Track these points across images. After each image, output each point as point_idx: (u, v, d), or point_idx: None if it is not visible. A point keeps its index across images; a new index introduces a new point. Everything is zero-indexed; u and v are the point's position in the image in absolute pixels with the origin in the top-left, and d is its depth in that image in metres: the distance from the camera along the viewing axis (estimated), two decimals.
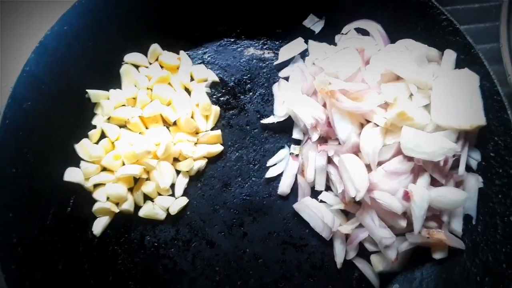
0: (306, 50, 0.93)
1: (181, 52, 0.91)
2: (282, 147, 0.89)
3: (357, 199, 0.76)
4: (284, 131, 0.89)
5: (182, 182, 0.84)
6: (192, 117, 0.87)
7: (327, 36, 0.92)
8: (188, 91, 0.90)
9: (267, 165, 0.87)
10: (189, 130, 0.86)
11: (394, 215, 0.76)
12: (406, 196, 0.74)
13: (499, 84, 0.76)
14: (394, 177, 0.78)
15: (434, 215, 0.77)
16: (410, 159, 0.77)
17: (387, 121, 0.78)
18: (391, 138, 0.78)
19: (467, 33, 0.79)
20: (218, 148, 0.87)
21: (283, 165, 0.87)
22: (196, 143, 0.86)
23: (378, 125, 0.79)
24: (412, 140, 0.75)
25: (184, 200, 0.83)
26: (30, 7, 0.98)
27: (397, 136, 0.77)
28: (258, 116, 0.90)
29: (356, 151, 0.80)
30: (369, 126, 0.80)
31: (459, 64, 0.81)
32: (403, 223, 0.77)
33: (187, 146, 0.84)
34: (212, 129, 0.88)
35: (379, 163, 0.78)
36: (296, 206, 0.84)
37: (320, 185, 0.84)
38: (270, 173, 0.87)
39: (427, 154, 0.74)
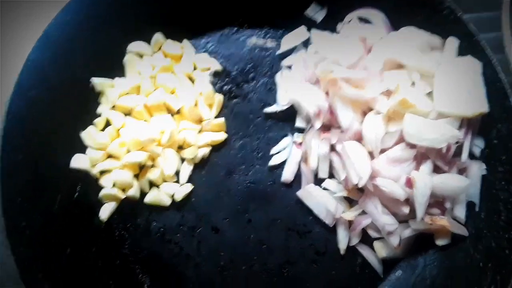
0: (309, 39, 0.93)
1: (184, 41, 0.92)
2: (286, 135, 0.89)
3: (360, 186, 0.77)
4: (287, 120, 0.90)
5: (186, 169, 0.85)
6: (195, 105, 0.87)
7: (330, 25, 0.92)
8: (191, 79, 0.90)
9: (271, 153, 0.88)
10: (193, 118, 0.86)
11: (397, 201, 0.77)
12: (409, 183, 0.75)
13: (501, 73, 0.77)
14: (397, 164, 0.78)
15: (437, 201, 0.78)
16: (412, 146, 0.77)
17: (389, 108, 0.78)
18: (393, 126, 0.79)
19: (470, 22, 0.80)
20: (222, 136, 0.87)
21: (286, 153, 0.88)
22: (200, 131, 0.87)
23: (380, 113, 0.79)
24: (414, 127, 0.76)
25: (189, 187, 0.84)
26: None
27: (399, 124, 0.77)
28: (262, 104, 0.91)
29: (359, 138, 0.81)
30: (371, 114, 0.80)
31: (461, 52, 0.81)
32: (406, 210, 0.77)
33: (191, 134, 0.85)
34: (215, 118, 0.89)
35: (382, 151, 0.79)
36: (299, 193, 0.85)
37: (323, 173, 0.85)
38: (273, 161, 0.87)
39: (429, 141, 0.75)
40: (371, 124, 0.79)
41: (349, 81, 0.81)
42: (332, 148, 0.84)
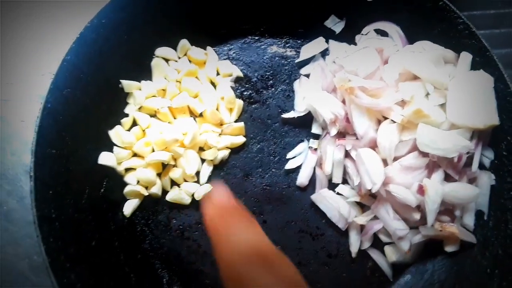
0: (327, 49, 0.97)
1: (208, 48, 0.96)
2: (302, 140, 0.93)
3: (373, 191, 0.80)
4: (304, 126, 0.94)
5: (206, 170, 0.89)
6: (217, 109, 0.91)
7: (347, 36, 0.96)
8: (214, 84, 0.94)
9: (287, 157, 0.91)
10: (214, 121, 0.90)
11: (408, 208, 0.80)
12: (421, 190, 0.78)
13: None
14: (409, 171, 0.81)
15: (447, 209, 0.81)
16: (425, 155, 0.80)
17: (404, 118, 0.81)
18: (407, 134, 0.82)
19: (483, 38, 0.83)
20: (241, 139, 0.91)
21: (302, 158, 0.91)
22: (220, 134, 0.91)
23: (395, 122, 0.82)
24: (427, 136, 0.79)
25: (208, 187, 0.88)
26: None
27: (413, 133, 0.81)
28: (279, 110, 0.95)
29: (373, 146, 0.84)
30: (386, 122, 0.84)
31: (474, 66, 0.84)
32: (416, 216, 0.80)
33: (212, 136, 0.89)
34: (235, 122, 0.93)
35: (395, 158, 0.82)
36: (313, 197, 0.88)
37: (337, 178, 0.88)
38: (289, 165, 0.91)
39: (441, 151, 0.78)
40: (386, 132, 0.82)
41: (365, 91, 0.84)
42: (347, 154, 0.87)
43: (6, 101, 0.95)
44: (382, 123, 0.84)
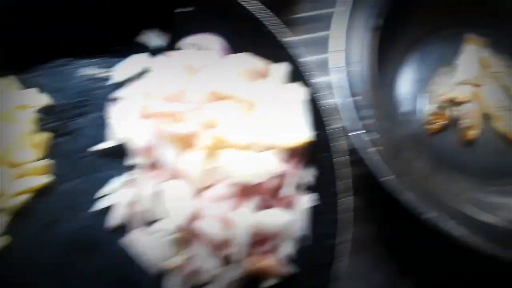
0: (144, 68, 0.87)
1: (8, 76, 0.84)
2: (116, 174, 0.82)
3: (182, 227, 0.72)
4: (119, 158, 0.83)
5: (1, 221, 0.77)
6: (16, 147, 0.80)
7: (165, 52, 0.87)
8: (12, 118, 0.82)
9: (99, 195, 0.81)
10: (11, 162, 0.79)
11: (220, 243, 0.72)
12: (229, 223, 0.71)
13: (326, 98, 0.75)
14: (219, 202, 0.73)
15: (262, 239, 0.74)
16: (235, 182, 0.73)
17: (209, 143, 0.73)
18: (215, 161, 0.74)
19: (299, 44, 0.78)
20: (46, 179, 0.80)
21: (116, 195, 0.81)
22: (19, 176, 0.79)
23: (201, 148, 0.74)
24: (235, 162, 0.72)
25: (4, 240, 0.76)
26: None
27: (220, 159, 0.73)
28: (92, 142, 0.84)
29: (181, 176, 0.75)
30: (192, 150, 0.75)
31: (287, 78, 0.79)
32: (229, 251, 0.73)
33: (9, 180, 0.78)
34: (39, 160, 0.81)
35: (204, 189, 0.74)
36: (126, 239, 0.78)
37: (152, 215, 0.79)
38: (102, 204, 0.80)
39: (251, 176, 0.71)
40: (192, 161, 0.74)
41: (169, 115, 0.76)
42: (159, 188, 0.78)
43: None
44: (189, 150, 0.76)
